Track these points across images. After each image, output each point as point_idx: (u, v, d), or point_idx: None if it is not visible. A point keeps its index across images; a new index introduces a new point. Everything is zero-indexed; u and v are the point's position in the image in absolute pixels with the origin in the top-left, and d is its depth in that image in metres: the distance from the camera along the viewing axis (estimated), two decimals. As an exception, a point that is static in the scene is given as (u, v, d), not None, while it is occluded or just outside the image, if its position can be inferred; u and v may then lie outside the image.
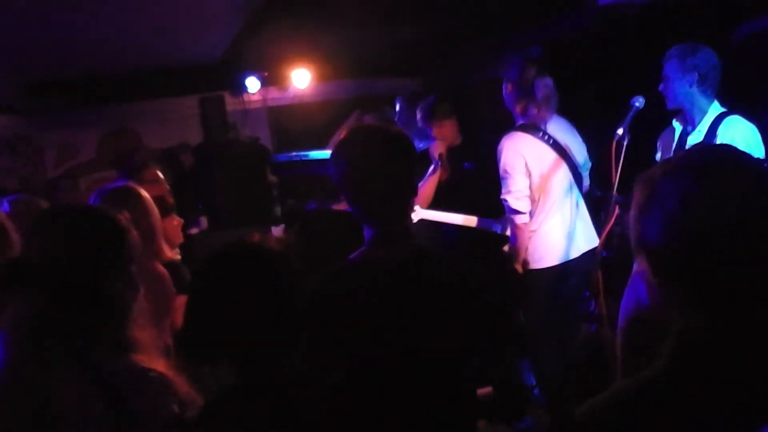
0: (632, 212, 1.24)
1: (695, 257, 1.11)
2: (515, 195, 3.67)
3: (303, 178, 6.05)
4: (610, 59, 4.53)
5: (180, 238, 3.53)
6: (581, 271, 3.80)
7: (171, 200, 3.57)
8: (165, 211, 3.42)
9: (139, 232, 2.65)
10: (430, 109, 4.51)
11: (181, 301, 3.19)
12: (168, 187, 3.77)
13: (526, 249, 3.78)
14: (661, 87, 3.43)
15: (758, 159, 1.19)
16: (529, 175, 3.67)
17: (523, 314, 3.90)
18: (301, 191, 6.12)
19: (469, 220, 4.25)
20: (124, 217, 1.73)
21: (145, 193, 2.80)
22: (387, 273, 1.84)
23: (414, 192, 1.94)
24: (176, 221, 3.52)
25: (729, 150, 1.23)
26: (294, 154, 6.10)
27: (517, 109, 3.76)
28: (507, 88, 3.78)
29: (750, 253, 1.10)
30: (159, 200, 3.42)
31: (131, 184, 2.89)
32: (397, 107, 5.26)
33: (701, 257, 1.11)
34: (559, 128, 3.79)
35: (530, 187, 3.69)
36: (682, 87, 3.38)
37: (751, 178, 1.13)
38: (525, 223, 3.71)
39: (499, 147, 3.71)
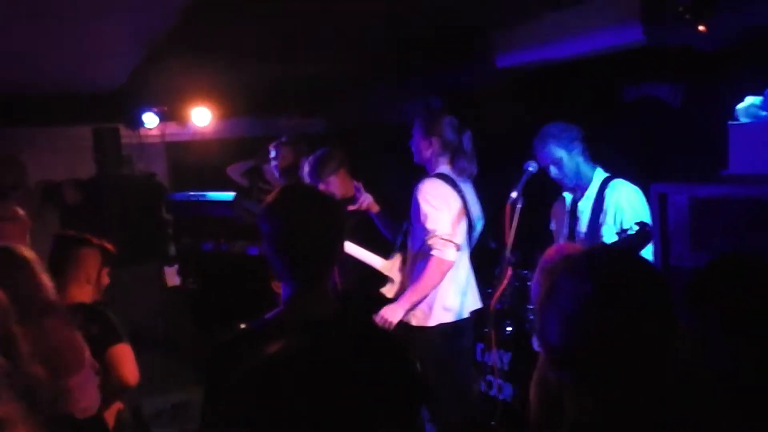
0: (535, 302, 1.31)
1: (586, 357, 1.18)
2: (449, 227, 3.62)
3: (199, 218, 5.92)
4: (505, 118, 4.68)
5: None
6: (471, 328, 3.92)
7: (113, 250, 3.45)
8: (107, 263, 3.38)
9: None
10: (317, 167, 4.38)
11: (122, 350, 3.09)
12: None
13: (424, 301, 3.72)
14: (554, 173, 3.58)
15: (654, 267, 1.27)
16: None
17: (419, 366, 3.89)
18: (197, 231, 5.99)
19: (388, 269, 4.12)
20: None
21: (28, 253, 2.64)
22: (304, 336, 1.83)
23: (340, 255, 1.97)
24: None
25: (627, 256, 1.34)
26: (191, 193, 5.96)
27: (443, 160, 3.79)
28: (428, 143, 3.79)
29: (637, 356, 1.18)
30: (103, 250, 3.36)
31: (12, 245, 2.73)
32: (272, 153, 5.15)
33: (592, 358, 1.18)
34: (465, 185, 3.86)
35: None
36: (572, 161, 3.55)
37: (645, 286, 1.21)
38: (453, 261, 3.63)
39: (421, 188, 3.69)
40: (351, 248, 4.13)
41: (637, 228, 2.84)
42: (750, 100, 2.65)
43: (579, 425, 1.21)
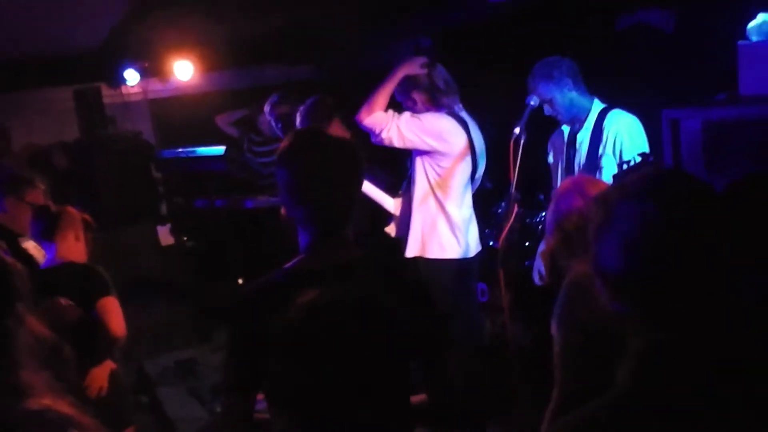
0: (551, 235, 1.25)
1: (654, 283, 1.14)
2: (412, 125, 3.59)
3: (190, 174, 5.81)
4: (500, 53, 4.58)
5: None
6: (476, 268, 3.89)
7: (90, 220, 3.46)
8: (89, 229, 3.41)
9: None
10: (308, 116, 4.24)
11: (110, 302, 3.12)
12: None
13: None
14: (548, 111, 3.52)
15: (706, 183, 1.22)
16: (440, 155, 3.65)
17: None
18: (189, 188, 5.89)
19: (396, 208, 4.12)
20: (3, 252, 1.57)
21: None
22: (337, 283, 1.81)
23: (357, 201, 1.92)
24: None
25: (680, 174, 1.31)
26: (180, 150, 5.84)
27: (432, 108, 3.71)
28: (413, 101, 3.72)
29: (707, 275, 1.14)
30: (85, 223, 3.39)
31: None
32: (267, 111, 5.00)
33: (660, 282, 1.14)
34: (470, 121, 3.79)
35: (438, 173, 3.67)
36: (564, 98, 3.49)
37: (704, 200, 1.18)
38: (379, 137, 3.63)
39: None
40: (365, 186, 4.09)
41: (639, 159, 2.80)
42: (762, 17, 2.56)
43: (648, 352, 1.17)
